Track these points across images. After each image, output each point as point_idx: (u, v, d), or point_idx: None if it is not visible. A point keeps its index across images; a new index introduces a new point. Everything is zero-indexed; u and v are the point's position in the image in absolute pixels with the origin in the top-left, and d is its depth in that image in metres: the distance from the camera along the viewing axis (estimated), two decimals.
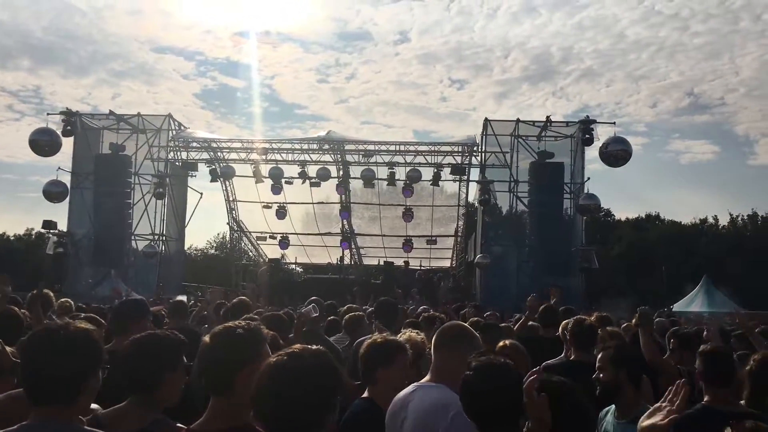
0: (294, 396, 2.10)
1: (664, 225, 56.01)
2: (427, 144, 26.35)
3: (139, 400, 2.86)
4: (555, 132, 23.86)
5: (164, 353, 2.92)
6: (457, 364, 3.16)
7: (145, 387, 2.86)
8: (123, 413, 2.86)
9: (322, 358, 2.22)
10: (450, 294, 23.03)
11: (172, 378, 2.90)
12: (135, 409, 2.85)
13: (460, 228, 29.18)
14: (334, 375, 2.21)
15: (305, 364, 2.16)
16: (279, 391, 2.12)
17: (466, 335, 3.35)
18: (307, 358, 2.18)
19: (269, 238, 29.77)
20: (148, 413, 2.83)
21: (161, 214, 25.31)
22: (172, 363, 2.92)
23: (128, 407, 2.87)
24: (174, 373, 2.91)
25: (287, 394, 2.11)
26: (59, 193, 23.88)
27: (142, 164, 24.93)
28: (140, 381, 2.87)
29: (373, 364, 3.65)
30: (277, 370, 2.15)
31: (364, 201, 29.24)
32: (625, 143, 22.55)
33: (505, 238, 24.66)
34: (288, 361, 2.17)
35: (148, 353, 2.90)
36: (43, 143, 23.44)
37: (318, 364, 2.18)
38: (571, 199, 23.52)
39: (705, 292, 27.51)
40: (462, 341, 3.27)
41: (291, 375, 2.13)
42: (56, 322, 2.52)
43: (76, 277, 24.42)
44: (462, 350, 3.20)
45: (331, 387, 2.18)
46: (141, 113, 25.34)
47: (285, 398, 2.11)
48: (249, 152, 26.69)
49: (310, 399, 2.12)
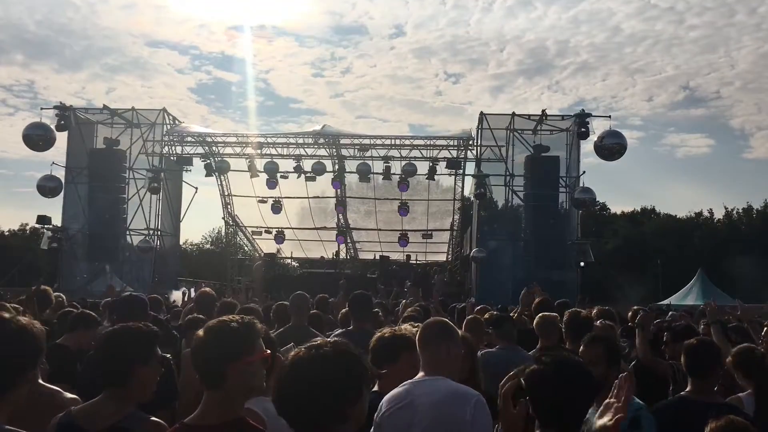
0: (314, 390, 2.05)
1: (659, 218, 56.18)
2: (422, 138, 26.32)
3: (112, 395, 2.81)
4: (550, 126, 23.83)
5: (134, 346, 2.87)
6: (448, 357, 3.25)
7: (117, 381, 2.81)
8: (96, 408, 2.82)
9: (342, 348, 2.17)
10: (446, 288, 23.04)
11: (144, 371, 2.85)
12: (108, 403, 2.81)
13: (455, 222, 29.18)
14: (357, 365, 2.14)
15: (325, 355, 2.11)
16: (299, 384, 2.07)
17: (451, 330, 3.40)
18: (328, 350, 2.13)
19: (265, 233, 29.74)
20: (122, 408, 2.79)
21: (156, 209, 25.22)
22: (143, 356, 2.87)
23: (101, 402, 2.83)
24: (145, 366, 2.86)
25: (307, 388, 2.05)
26: (53, 188, 23.77)
27: (136, 159, 24.84)
28: (111, 374, 2.83)
29: (380, 358, 3.66)
30: (297, 365, 2.10)
31: (359, 195, 29.22)
32: (620, 137, 22.55)
33: (501, 232, 24.67)
34: (306, 353, 2.12)
35: (118, 346, 2.86)
36: (37, 138, 23.32)
37: (339, 354, 2.13)
38: (567, 193, 23.52)
39: (700, 285, 27.66)
40: (448, 335, 3.32)
41: (311, 368, 2.07)
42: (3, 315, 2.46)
43: (71, 272, 24.37)
44: (449, 344, 3.28)
45: (354, 378, 2.11)
46: (135, 108, 25.23)
47: (305, 392, 2.05)
48: (244, 147, 26.62)
49: (331, 392, 2.05)
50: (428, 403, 3.05)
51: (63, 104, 24.38)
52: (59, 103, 24.40)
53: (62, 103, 24.50)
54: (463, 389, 3.11)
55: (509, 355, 5.49)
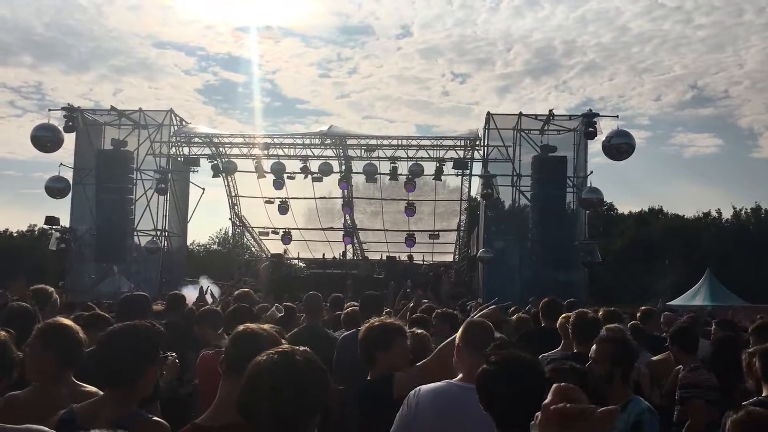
0: (286, 395, 2.06)
1: (667, 219, 55.91)
2: (429, 138, 26.29)
3: (116, 394, 2.81)
4: (558, 126, 23.76)
5: (143, 345, 2.87)
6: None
7: (123, 380, 2.81)
8: (99, 407, 2.81)
9: (311, 357, 2.19)
10: (452, 289, 23.02)
11: (150, 371, 2.87)
12: (111, 402, 2.80)
13: (462, 222, 29.14)
14: (323, 376, 2.17)
15: (296, 363, 2.12)
16: (266, 389, 2.07)
17: (487, 331, 3.36)
18: (298, 358, 2.15)
19: (271, 234, 29.78)
20: (125, 405, 2.79)
21: (163, 210, 25.25)
22: (150, 356, 2.89)
23: (104, 400, 2.83)
24: (152, 366, 2.88)
25: (279, 392, 2.06)
26: (61, 189, 23.84)
27: (144, 160, 24.88)
28: (118, 374, 2.82)
29: (371, 347, 3.69)
30: (266, 369, 2.11)
31: (366, 196, 29.21)
32: (628, 136, 22.44)
33: (508, 233, 24.62)
34: (278, 359, 2.13)
35: (126, 345, 2.85)
36: (45, 139, 23.38)
37: (308, 363, 2.14)
38: (574, 193, 23.43)
39: (708, 285, 27.51)
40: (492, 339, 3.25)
41: (283, 373, 2.08)
42: None
43: (79, 273, 24.43)
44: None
45: (320, 388, 2.15)
46: (142, 109, 25.29)
47: (276, 396, 2.06)
48: (251, 147, 26.67)
49: (301, 398, 2.07)
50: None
51: (71, 105, 24.44)
52: (67, 105, 24.46)
53: (70, 104, 24.56)
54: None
55: None
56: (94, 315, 5.50)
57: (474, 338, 3.28)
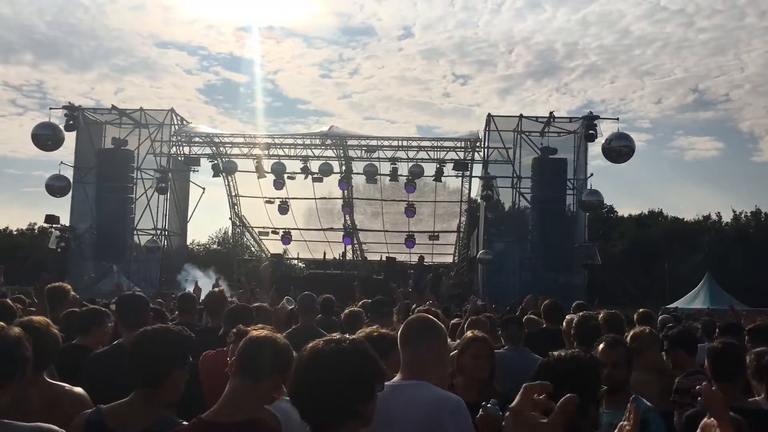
0: (331, 383, 2.05)
1: (667, 221, 55.96)
2: (429, 139, 26.31)
3: (144, 396, 2.81)
4: (558, 128, 23.80)
5: (174, 348, 2.90)
6: (430, 357, 3.08)
7: (153, 382, 2.82)
8: (127, 409, 2.81)
9: (360, 345, 2.19)
10: (452, 290, 23.04)
11: (179, 374, 2.88)
12: (140, 404, 2.81)
13: (462, 224, 29.13)
14: (373, 363, 2.16)
15: (344, 350, 2.12)
16: (317, 377, 2.07)
17: (435, 327, 3.23)
18: (346, 345, 2.14)
19: (271, 234, 29.76)
20: (154, 410, 2.80)
21: (163, 209, 25.30)
22: (181, 359, 2.91)
23: (132, 402, 2.83)
24: (182, 369, 2.89)
25: (325, 381, 2.06)
26: (62, 188, 23.88)
27: (144, 159, 24.92)
28: (148, 375, 2.83)
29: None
30: (316, 357, 2.11)
31: (366, 196, 29.20)
32: (628, 139, 22.49)
33: (508, 234, 24.65)
34: (325, 346, 2.12)
35: (158, 347, 2.87)
36: (45, 138, 23.43)
37: (357, 351, 2.14)
38: (574, 195, 23.46)
39: (708, 288, 27.49)
40: (431, 334, 3.16)
41: (329, 361, 2.08)
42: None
43: (79, 271, 24.43)
44: (432, 342, 3.12)
45: (369, 375, 2.12)
46: (143, 108, 25.32)
47: (322, 385, 2.06)
48: (252, 147, 26.68)
49: (348, 387, 2.06)
50: (406, 409, 2.91)
51: (72, 104, 24.49)
52: (68, 104, 24.52)
53: (71, 103, 24.63)
54: (444, 395, 2.97)
55: (515, 355, 5.51)
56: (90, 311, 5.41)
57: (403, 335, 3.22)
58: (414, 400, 2.92)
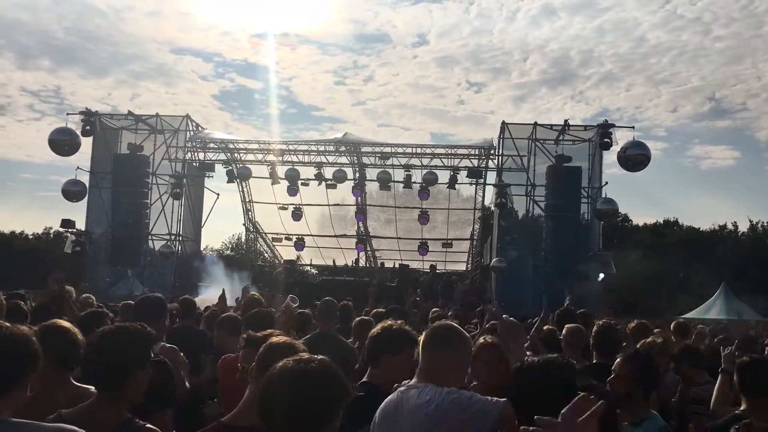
0: (300, 402, 2.10)
1: (682, 231, 55.47)
2: (443, 147, 26.30)
3: (107, 398, 2.76)
4: (573, 136, 23.70)
5: (136, 348, 2.84)
6: (448, 365, 3.08)
7: (114, 384, 2.76)
8: (89, 412, 2.75)
9: (327, 364, 2.23)
10: (465, 297, 22.94)
11: (141, 374, 2.83)
12: (102, 407, 2.75)
13: (475, 231, 29.08)
14: (339, 383, 2.20)
15: (311, 369, 2.16)
16: (285, 395, 2.11)
17: (458, 336, 3.23)
18: (313, 364, 2.19)
19: (285, 240, 29.82)
20: (116, 412, 2.74)
21: (178, 215, 25.43)
22: (142, 359, 2.85)
23: (94, 406, 2.77)
24: (143, 369, 2.84)
25: (293, 399, 2.10)
26: (78, 193, 24.07)
27: (159, 164, 25.06)
28: (109, 377, 2.77)
29: (381, 347, 3.66)
30: (285, 374, 2.16)
31: (380, 203, 29.24)
32: (644, 147, 22.35)
33: (521, 242, 24.53)
34: (294, 365, 2.17)
35: (118, 348, 2.81)
36: (62, 143, 23.64)
37: (324, 370, 2.19)
38: (589, 204, 23.33)
39: (723, 299, 27.25)
40: (454, 342, 3.16)
41: (297, 379, 2.12)
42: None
43: (93, 275, 24.58)
44: (452, 351, 3.11)
45: (337, 395, 2.17)
46: (159, 114, 25.50)
47: (290, 402, 2.10)
48: (266, 154, 26.79)
49: (315, 404, 2.11)
50: (412, 411, 2.95)
51: (89, 110, 24.70)
52: (85, 109, 24.73)
53: (88, 108, 24.83)
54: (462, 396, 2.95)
55: None
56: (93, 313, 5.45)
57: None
58: (419, 402, 2.95)
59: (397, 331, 3.68)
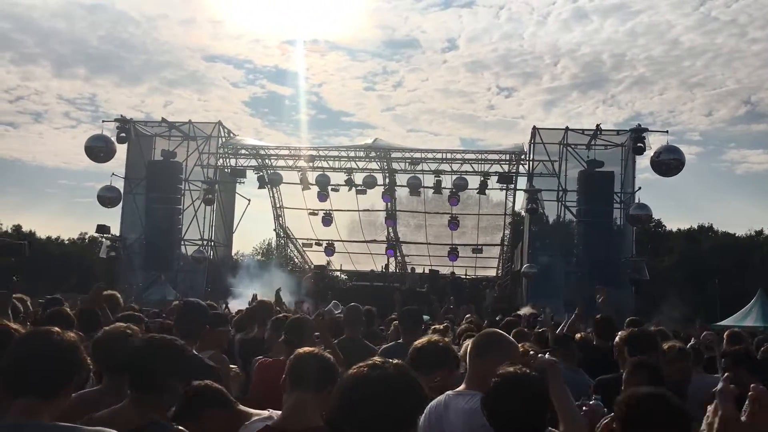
0: (374, 409, 1.98)
1: (717, 236, 54.55)
2: (473, 152, 26.25)
3: (140, 401, 2.83)
4: (605, 140, 23.46)
5: (179, 358, 2.94)
6: (489, 372, 3.03)
7: (152, 388, 2.84)
8: (119, 413, 2.82)
9: (404, 370, 2.12)
10: (495, 304, 22.81)
11: (175, 384, 2.91)
12: (133, 408, 2.82)
13: (506, 237, 28.90)
14: (416, 390, 2.08)
15: (388, 376, 2.05)
16: (358, 402, 2.00)
17: (506, 343, 3.24)
18: (390, 371, 2.07)
19: (315, 245, 29.96)
20: (147, 414, 2.78)
21: (210, 220, 25.73)
22: (182, 370, 2.95)
23: (125, 408, 2.84)
24: (178, 380, 2.93)
25: (367, 406, 1.99)
26: (113, 199, 24.48)
27: (192, 171, 25.39)
28: (148, 381, 2.85)
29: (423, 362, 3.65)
30: (359, 381, 2.05)
31: (409, 209, 29.23)
32: (677, 152, 22.04)
33: (553, 248, 24.31)
34: (370, 372, 2.06)
35: (165, 355, 2.90)
36: (98, 150, 24.11)
37: (400, 376, 2.08)
38: (621, 209, 23.06)
39: (760, 306, 26.64)
40: (500, 349, 3.17)
41: (372, 387, 2.01)
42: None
43: (127, 280, 24.96)
44: (499, 359, 3.07)
45: (413, 403, 2.06)
46: (192, 121, 25.86)
47: (364, 410, 1.98)
48: (296, 159, 26.96)
49: (391, 413, 1.98)
50: (461, 415, 3.00)
51: (123, 117, 25.14)
52: (120, 116, 25.18)
53: (122, 116, 25.26)
54: None
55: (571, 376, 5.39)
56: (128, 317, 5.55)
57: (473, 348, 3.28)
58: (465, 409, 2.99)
59: (443, 348, 3.70)
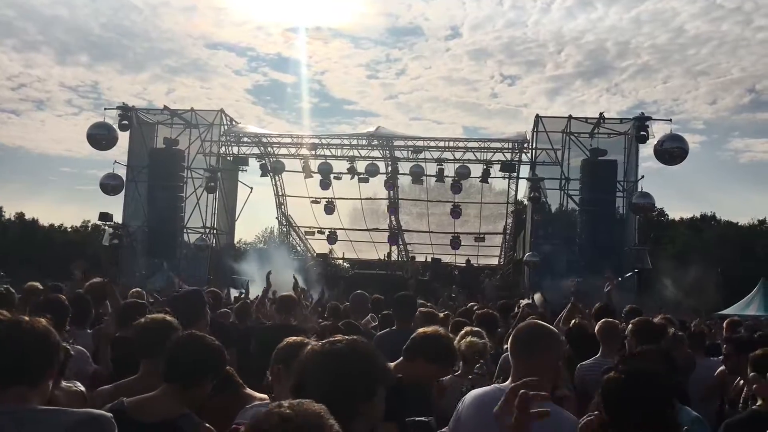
0: (325, 380, 2.09)
1: (720, 225, 54.45)
2: (476, 140, 26.18)
3: (173, 392, 2.86)
4: (608, 129, 23.36)
5: (218, 359, 3.01)
6: (544, 365, 2.96)
7: (188, 382, 2.88)
8: (151, 401, 2.86)
9: (356, 346, 2.21)
10: (497, 292, 22.82)
11: (209, 383, 2.96)
12: (165, 399, 2.85)
13: (508, 225, 28.88)
14: (370, 363, 2.18)
15: (339, 350, 2.16)
16: (311, 375, 2.13)
17: (550, 334, 3.12)
18: (342, 346, 2.19)
19: (317, 233, 30.01)
20: (177, 406, 2.83)
21: (212, 208, 25.72)
22: (217, 370, 3.01)
23: (158, 396, 2.87)
24: (212, 379, 2.98)
25: (320, 378, 2.10)
26: (115, 186, 24.46)
27: (194, 158, 25.36)
28: (185, 374, 2.88)
29: (422, 350, 3.65)
30: (314, 356, 2.18)
31: (412, 197, 29.23)
32: (681, 141, 21.96)
33: (555, 237, 24.28)
34: (323, 347, 2.20)
35: (207, 353, 2.97)
36: (100, 137, 24.07)
37: (352, 351, 2.17)
38: (624, 198, 23.01)
39: (762, 295, 26.67)
40: (546, 341, 3.06)
41: (324, 360, 2.14)
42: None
43: (130, 268, 25.00)
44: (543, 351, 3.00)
45: (365, 374, 2.15)
46: (194, 108, 25.79)
47: (316, 384, 2.09)
48: (299, 147, 26.95)
49: (342, 384, 2.09)
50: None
51: (125, 105, 25.09)
52: (122, 104, 25.13)
53: (125, 103, 25.23)
54: (556, 410, 2.74)
55: None
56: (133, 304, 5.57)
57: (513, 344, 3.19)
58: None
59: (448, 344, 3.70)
